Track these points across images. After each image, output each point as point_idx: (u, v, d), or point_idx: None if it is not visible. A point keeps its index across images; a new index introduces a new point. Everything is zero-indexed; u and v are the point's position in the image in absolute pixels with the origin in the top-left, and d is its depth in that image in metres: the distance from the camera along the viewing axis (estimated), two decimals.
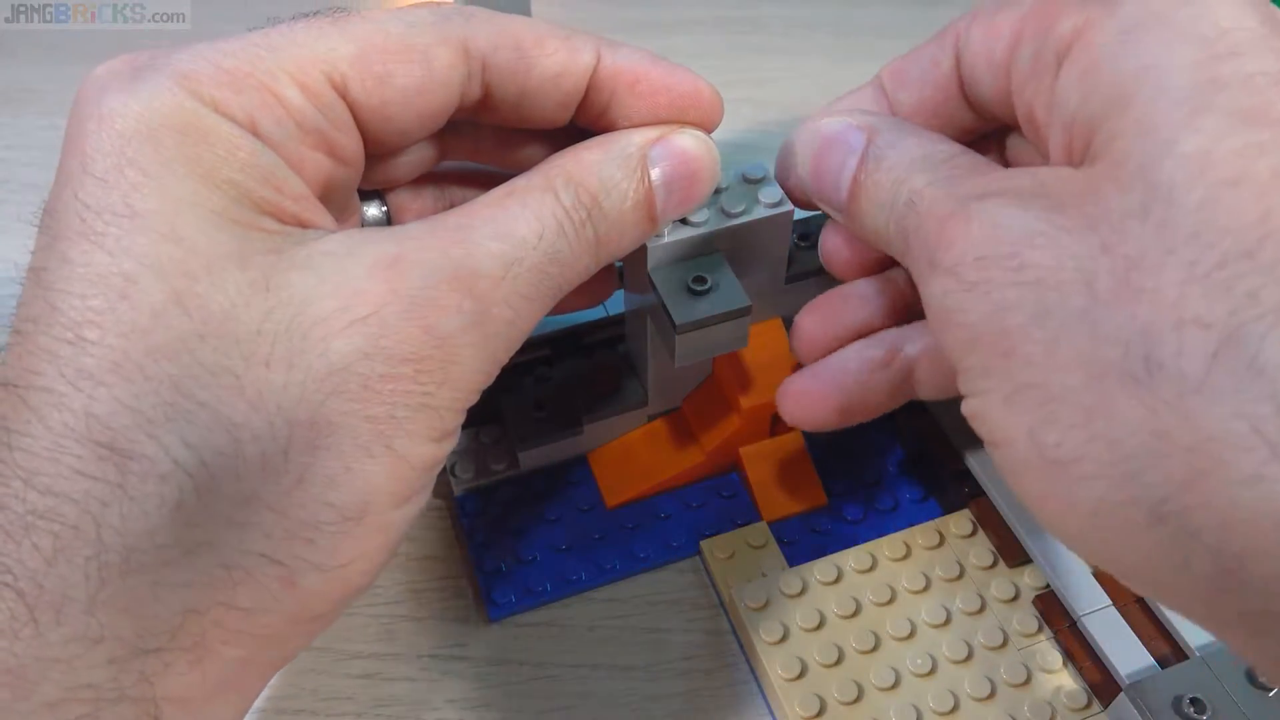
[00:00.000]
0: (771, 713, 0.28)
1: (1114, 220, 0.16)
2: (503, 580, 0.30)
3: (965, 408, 0.19)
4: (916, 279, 0.20)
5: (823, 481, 0.32)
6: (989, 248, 0.18)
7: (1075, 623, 0.27)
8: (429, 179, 0.26)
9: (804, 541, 0.31)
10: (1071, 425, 0.16)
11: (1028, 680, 0.27)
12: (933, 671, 0.27)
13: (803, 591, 0.28)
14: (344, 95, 0.20)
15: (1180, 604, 0.17)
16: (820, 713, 0.26)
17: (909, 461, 0.33)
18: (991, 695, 0.26)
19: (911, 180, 0.20)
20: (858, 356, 0.24)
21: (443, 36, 0.21)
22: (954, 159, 0.21)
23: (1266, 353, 0.14)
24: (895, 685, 0.27)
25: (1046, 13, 0.19)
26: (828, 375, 0.25)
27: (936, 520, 0.30)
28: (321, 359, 0.18)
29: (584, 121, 0.23)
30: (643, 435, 0.33)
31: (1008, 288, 0.17)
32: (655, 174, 0.22)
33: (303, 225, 0.19)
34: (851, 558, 0.29)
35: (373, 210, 0.24)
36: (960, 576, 0.29)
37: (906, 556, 0.29)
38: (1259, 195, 0.15)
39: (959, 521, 0.30)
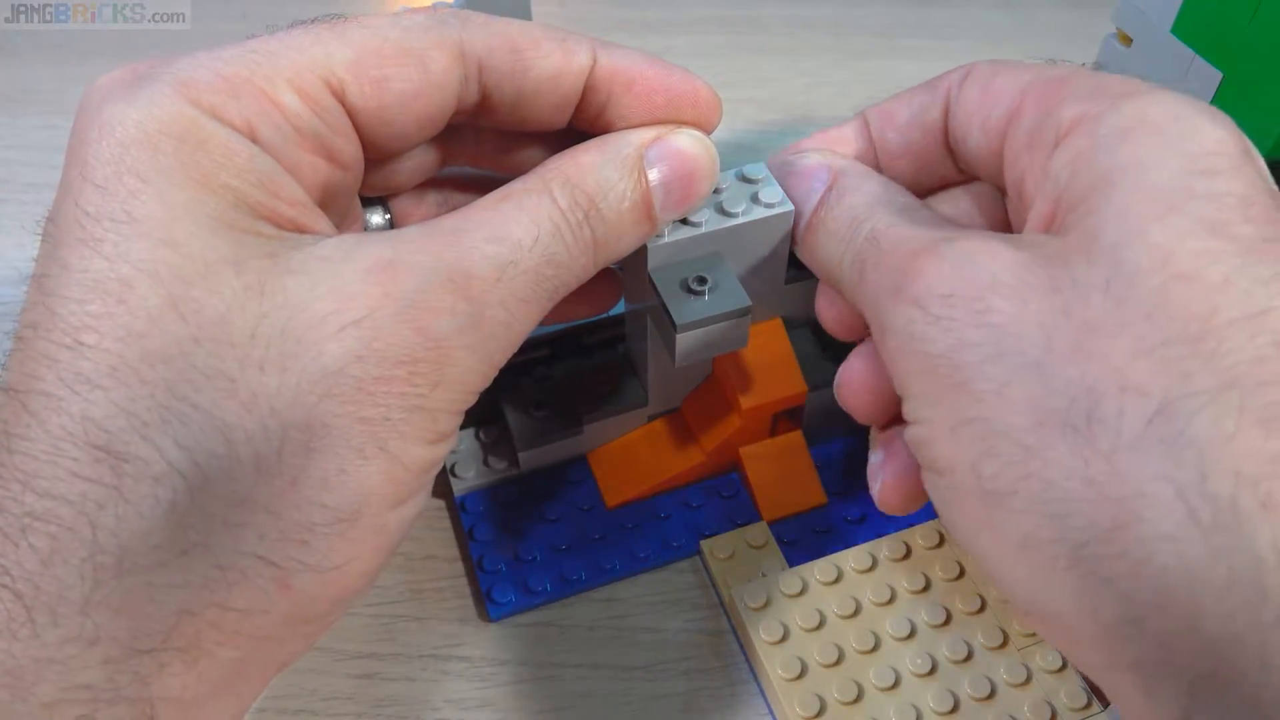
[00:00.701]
0: (771, 713, 0.28)
1: (1079, 288, 0.18)
2: (503, 580, 0.30)
3: (910, 434, 0.20)
4: (870, 308, 0.21)
5: (823, 481, 0.32)
6: (958, 286, 0.19)
7: None
8: (431, 185, 0.26)
9: (804, 541, 0.31)
10: (1011, 461, 0.17)
11: (1028, 680, 0.27)
12: (933, 671, 0.27)
13: (803, 591, 0.28)
14: (342, 100, 0.20)
15: (1081, 650, 0.18)
16: (820, 713, 0.26)
17: None
18: (991, 695, 0.26)
19: (874, 218, 0.22)
20: None
21: (439, 40, 0.21)
22: (915, 208, 0.22)
23: (1195, 428, 0.16)
24: (895, 685, 0.27)
25: (1052, 95, 0.21)
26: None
27: (936, 520, 0.30)
28: (315, 362, 0.18)
29: (582, 123, 0.23)
30: (643, 435, 0.33)
31: (970, 327, 0.18)
32: (653, 175, 0.22)
33: (300, 230, 0.20)
34: (851, 558, 0.29)
35: (376, 218, 0.25)
36: (960, 576, 0.29)
37: (906, 556, 0.29)
38: (1208, 293, 0.17)
39: None
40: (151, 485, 0.17)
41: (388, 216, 0.25)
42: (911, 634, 0.28)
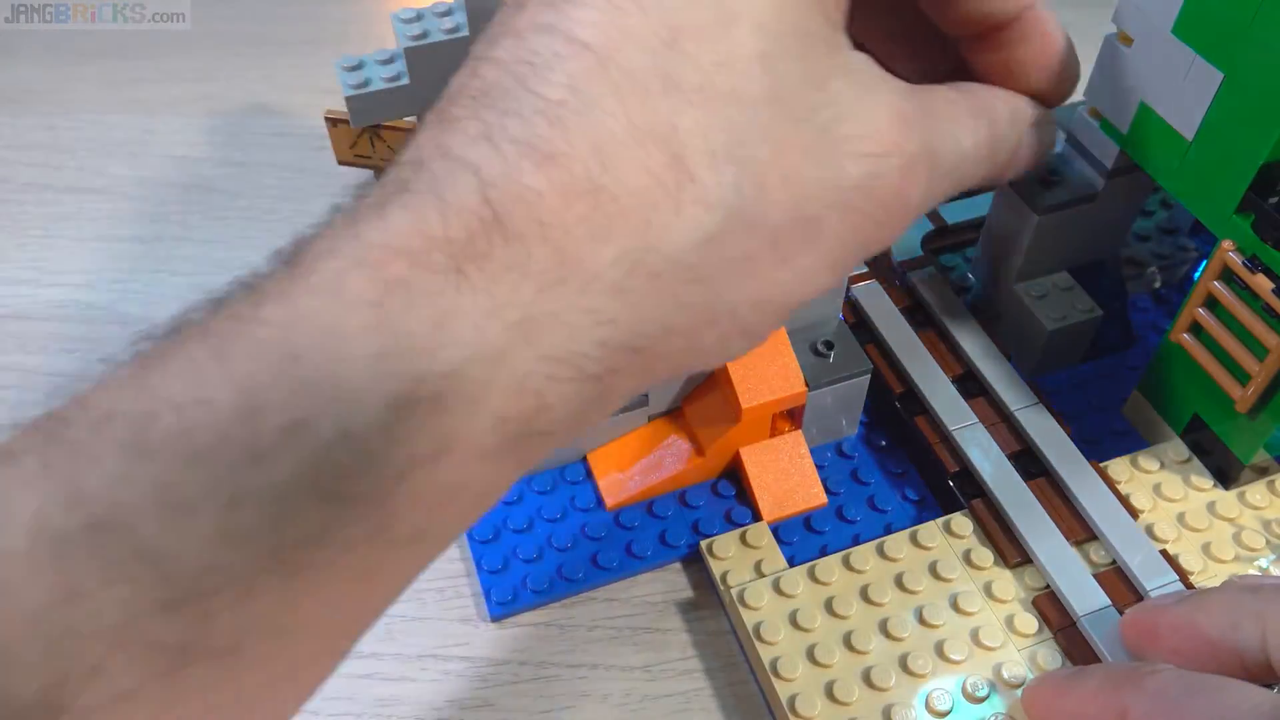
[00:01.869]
0: (771, 713, 0.28)
1: None
2: (503, 580, 0.30)
3: None
4: None
5: (823, 482, 0.32)
6: None
7: (1075, 623, 0.27)
8: None
9: (804, 541, 0.31)
10: None
11: (1027, 680, 0.27)
12: (933, 671, 0.27)
13: (803, 591, 0.28)
14: None
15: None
16: (820, 713, 0.26)
17: (909, 462, 0.33)
18: (991, 695, 0.26)
19: None
20: None
21: None
22: None
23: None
24: (895, 685, 0.27)
25: None
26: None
27: (936, 520, 0.30)
28: (838, 172, 0.19)
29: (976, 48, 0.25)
30: (643, 435, 0.33)
31: None
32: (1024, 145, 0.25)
33: (838, 19, 0.20)
34: (852, 558, 0.29)
35: None
36: (960, 577, 0.29)
37: (906, 556, 0.29)
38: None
39: (959, 521, 0.30)
40: (703, 210, 0.18)
41: None
42: (912, 634, 0.28)
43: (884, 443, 0.34)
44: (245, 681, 0.15)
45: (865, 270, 0.36)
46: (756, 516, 0.32)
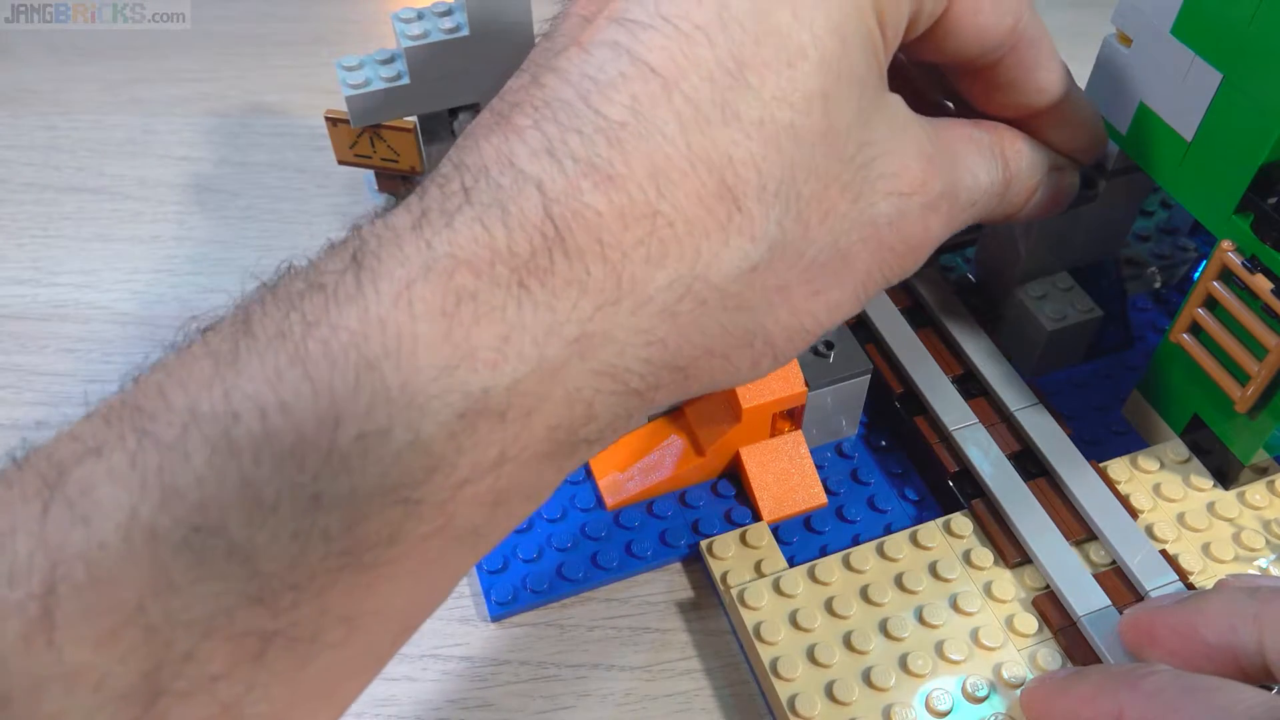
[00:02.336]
0: (771, 713, 0.28)
1: None
2: (503, 580, 0.30)
3: None
4: None
5: (823, 481, 0.32)
6: None
7: (1075, 623, 0.27)
8: None
9: (804, 541, 0.31)
10: None
11: (1027, 680, 0.27)
12: (933, 671, 0.27)
13: (803, 591, 0.28)
14: None
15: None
16: (820, 713, 0.26)
17: (909, 462, 0.33)
18: (991, 695, 0.26)
19: None
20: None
21: None
22: None
23: None
24: (895, 685, 0.27)
25: None
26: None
27: (936, 520, 0.30)
28: (870, 208, 0.20)
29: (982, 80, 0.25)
30: (643, 435, 0.33)
31: None
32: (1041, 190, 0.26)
33: (884, 57, 0.21)
34: (852, 558, 0.29)
35: None
36: (960, 576, 0.29)
37: (906, 556, 0.29)
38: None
39: (959, 521, 0.30)
40: (749, 242, 0.18)
41: None
42: (912, 634, 0.28)
43: (884, 443, 0.34)
44: (321, 665, 0.17)
45: None
46: (756, 516, 0.32)
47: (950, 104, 0.28)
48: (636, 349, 0.18)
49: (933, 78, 0.27)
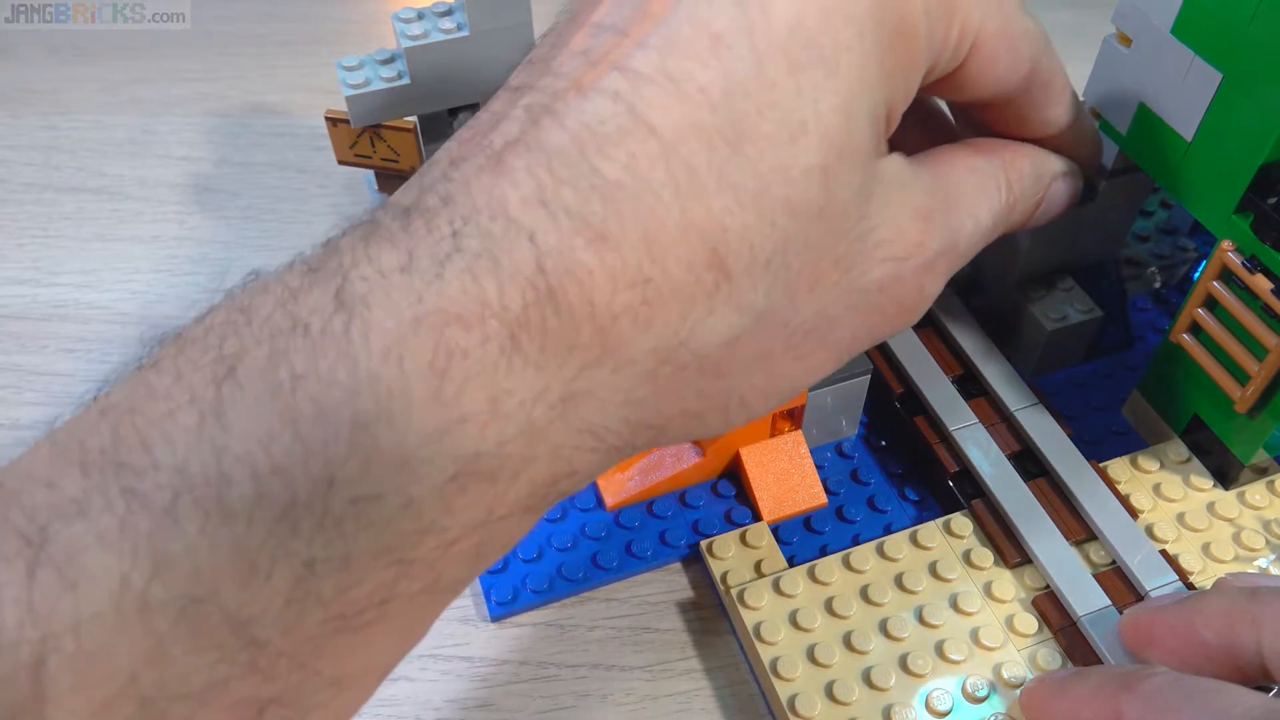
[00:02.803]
0: (771, 713, 0.28)
1: None
2: (503, 579, 0.30)
3: None
4: None
5: (823, 481, 0.32)
6: None
7: (1075, 623, 0.27)
8: None
9: (804, 541, 0.31)
10: None
11: (1027, 680, 0.27)
12: (933, 671, 0.27)
13: (803, 591, 0.28)
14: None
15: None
16: (820, 713, 0.26)
17: (909, 462, 0.33)
18: (991, 695, 0.26)
19: None
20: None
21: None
22: None
23: None
24: (895, 685, 0.27)
25: None
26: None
27: (936, 520, 0.30)
28: (863, 276, 0.20)
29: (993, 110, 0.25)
30: None
31: None
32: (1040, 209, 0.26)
33: (883, 133, 0.20)
34: (852, 558, 0.29)
35: None
36: (960, 577, 0.29)
37: (906, 556, 0.29)
38: None
39: (959, 521, 0.30)
40: (734, 313, 0.18)
41: None
42: (912, 634, 0.28)
43: (884, 443, 0.34)
44: None
45: None
46: (756, 516, 0.32)
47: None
48: (617, 407, 0.18)
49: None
